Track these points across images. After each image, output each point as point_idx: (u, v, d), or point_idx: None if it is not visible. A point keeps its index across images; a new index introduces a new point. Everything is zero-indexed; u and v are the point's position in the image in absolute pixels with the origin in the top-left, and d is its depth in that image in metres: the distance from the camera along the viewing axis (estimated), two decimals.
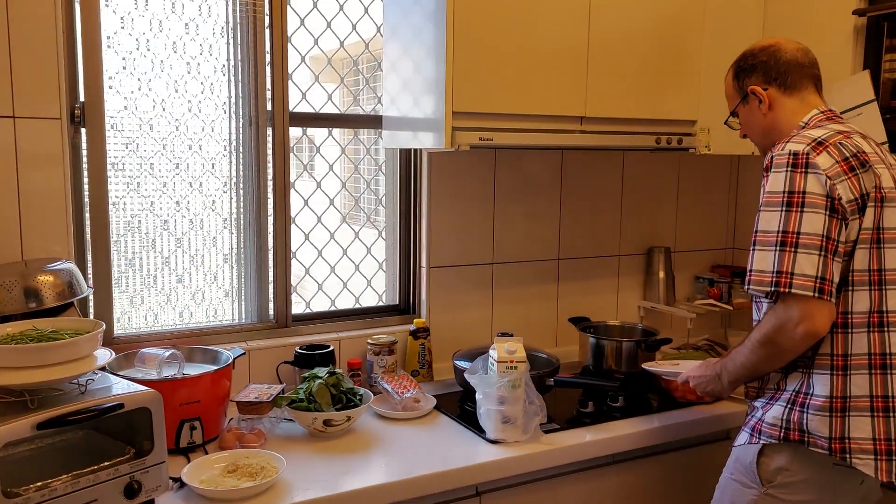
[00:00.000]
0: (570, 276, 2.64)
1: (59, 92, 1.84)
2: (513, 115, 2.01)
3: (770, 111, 1.70)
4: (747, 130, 1.78)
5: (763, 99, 1.69)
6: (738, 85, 1.74)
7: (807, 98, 1.69)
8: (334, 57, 2.30)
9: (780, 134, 1.69)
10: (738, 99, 1.75)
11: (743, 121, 1.77)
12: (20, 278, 1.62)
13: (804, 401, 1.55)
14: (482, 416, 1.86)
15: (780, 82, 1.69)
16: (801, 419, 1.55)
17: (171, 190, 2.11)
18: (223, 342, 2.11)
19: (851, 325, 1.52)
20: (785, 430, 1.57)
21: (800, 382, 1.57)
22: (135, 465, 1.47)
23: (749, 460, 1.62)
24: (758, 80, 1.70)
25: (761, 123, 1.72)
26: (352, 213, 2.40)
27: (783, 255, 1.47)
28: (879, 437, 1.51)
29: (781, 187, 1.51)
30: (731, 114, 1.80)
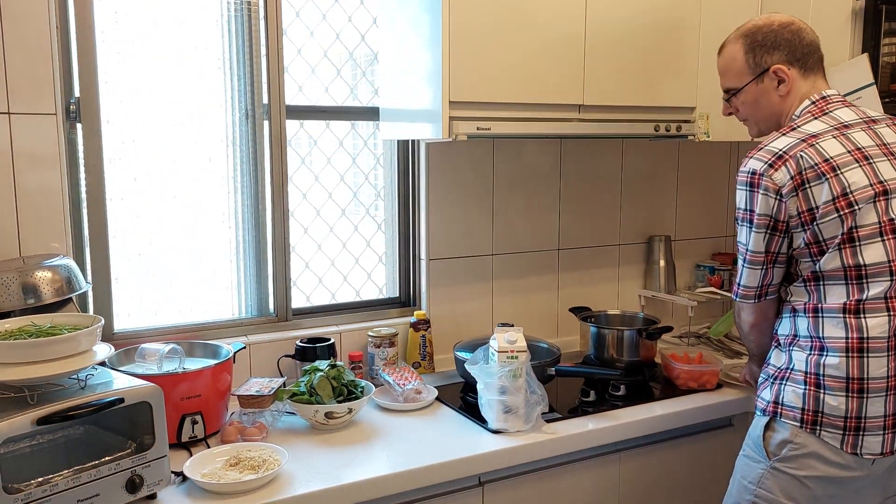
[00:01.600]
0: (571, 266, 2.64)
1: (54, 87, 1.83)
2: (510, 104, 2.00)
3: (787, 93, 1.65)
4: (751, 111, 1.72)
5: (787, 79, 1.64)
6: (755, 61, 1.66)
7: (817, 83, 1.67)
8: (330, 49, 2.29)
9: (784, 117, 1.68)
10: (751, 77, 1.67)
11: (748, 100, 1.70)
12: (18, 274, 1.62)
13: (784, 375, 1.63)
14: (484, 406, 1.86)
15: (801, 64, 1.64)
16: (779, 391, 1.62)
17: (168, 184, 2.10)
18: (224, 336, 2.11)
19: (823, 311, 1.59)
20: (766, 402, 1.65)
21: (785, 360, 1.66)
22: (136, 460, 1.47)
23: (756, 434, 1.65)
24: (780, 60, 1.64)
25: (772, 106, 1.68)
26: (350, 206, 2.39)
27: (743, 270, 1.67)
28: (850, 415, 1.55)
29: (743, 205, 1.62)
30: (735, 91, 1.72)
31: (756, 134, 1.77)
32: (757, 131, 1.76)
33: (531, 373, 1.86)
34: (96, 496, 1.41)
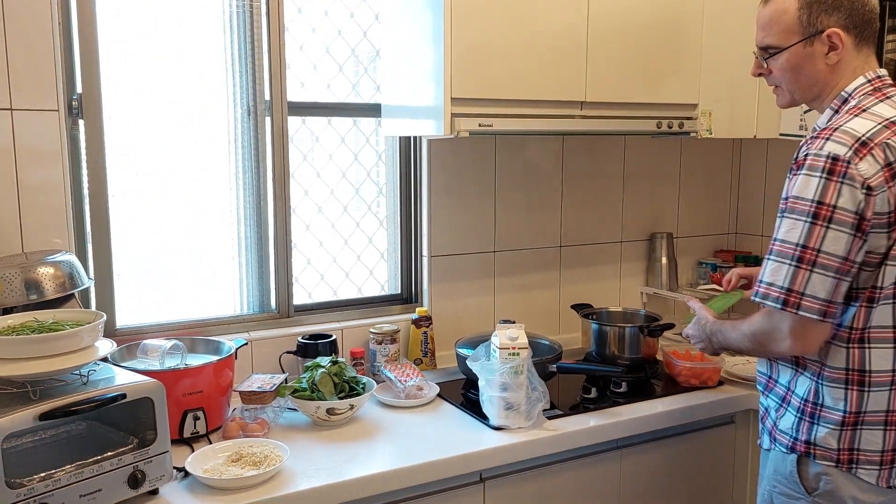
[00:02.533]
0: (572, 263, 2.63)
1: (57, 83, 1.83)
2: (512, 100, 2.00)
3: (836, 64, 1.44)
4: (789, 75, 1.49)
5: (839, 47, 1.42)
6: (808, 19, 1.42)
7: (869, 58, 1.47)
8: (332, 45, 2.28)
9: (831, 90, 1.47)
10: (799, 37, 1.44)
11: (790, 61, 1.47)
12: (21, 270, 1.62)
13: (813, 412, 1.47)
14: (485, 402, 1.86)
15: (857, 32, 1.43)
16: (812, 431, 1.48)
17: (170, 180, 2.10)
18: (225, 333, 2.11)
19: (869, 341, 1.42)
20: (793, 440, 1.51)
21: (808, 390, 1.49)
22: (138, 455, 1.47)
23: (789, 469, 1.52)
24: (838, 23, 1.42)
25: (817, 73, 1.46)
26: (352, 203, 2.39)
27: (797, 273, 1.37)
28: (887, 449, 1.45)
29: (811, 195, 1.35)
30: (776, 51, 1.48)
31: (786, 104, 1.56)
32: (788, 101, 1.55)
33: (533, 370, 1.86)
34: (98, 491, 1.41)
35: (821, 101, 1.53)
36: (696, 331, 1.73)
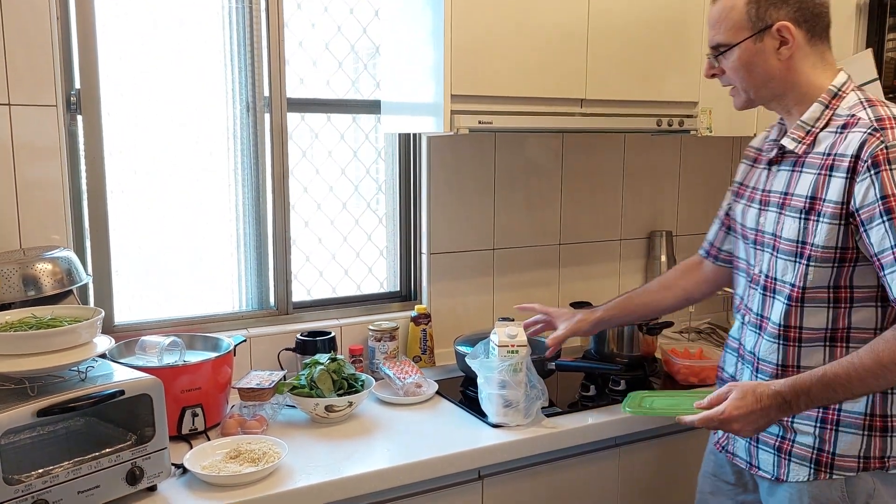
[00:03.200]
0: (572, 261, 2.63)
1: (55, 79, 1.82)
2: (512, 97, 1.99)
3: (788, 59, 1.40)
4: (742, 73, 1.45)
5: (790, 41, 1.38)
6: (757, 14, 1.39)
7: (826, 54, 1.43)
8: (332, 41, 2.28)
9: (789, 88, 1.43)
10: (749, 32, 1.40)
11: (741, 59, 1.43)
12: (18, 266, 1.62)
13: (884, 424, 1.39)
14: (484, 400, 1.86)
15: (809, 26, 1.39)
16: (885, 445, 1.39)
17: (169, 177, 2.10)
18: (224, 329, 2.11)
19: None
20: (864, 459, 1.40)
21: (870, 405, 1.40)
22: (136, 452, 1.47)
23: (836, 496, 1.42)
24: (788, 17, 1.38)
25: (769, 70, 1.41)
26: (352, 200, 2.39)
27: None
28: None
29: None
30: (726, 48, 1.44)
31: (742, 105, 1.51)
32: (744, 101, 1.50)
33: (531, 367, 1.85)
34: (96, 488, 1.41)
35: (782, 100, 1.47)
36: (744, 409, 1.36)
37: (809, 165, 1.42)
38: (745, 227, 1.58)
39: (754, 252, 1.54)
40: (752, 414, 1.35)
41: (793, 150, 1.45)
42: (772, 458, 1.50)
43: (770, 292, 1.49)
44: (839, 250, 1.36)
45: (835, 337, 1.41)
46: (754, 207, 1.54)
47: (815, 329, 1.42)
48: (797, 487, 1.46)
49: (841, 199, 1.34)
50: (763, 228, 1.51)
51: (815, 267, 1.38)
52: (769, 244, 1.49)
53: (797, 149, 1.44)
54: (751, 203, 1.56)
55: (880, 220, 1.29)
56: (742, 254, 1.61)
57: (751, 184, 1.59)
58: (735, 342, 1.61)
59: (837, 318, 1.40)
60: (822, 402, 1.36)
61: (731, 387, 1.39)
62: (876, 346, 1.32)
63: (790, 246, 1.43)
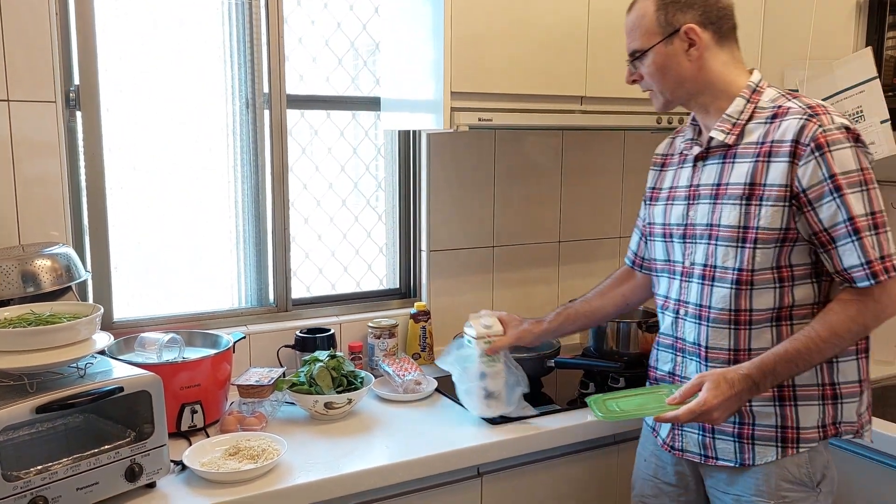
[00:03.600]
0: (571, 258, 2.63)
1: (54, 75, 1.82)
2: (512, 95, 1.99)
3: (698, 59, 1.48)
4: (657, 76, 1.52)
5: (697, 42, 1.47)
6: (666, 19, 1.47)
7: (735, 53, 1.52)
8: (331, 38, 2.27)
9: (704, 87, 1.51)
10: (660, 37, 1.48)
11: (655, 63, 1.51)
12: (17, 262, 1.62)
13: (834, 392, 1.49)
14: (463, 394, 1.85)
15: (715, 28, 1.48)
16: (836, 412, 1.49)
17: (168, 173, 2.09)
18: (223, 326, 2.11)
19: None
20: (822, 428, 1.49)
21: (820, 375, 1.48)
22: (135, 449, 1.47)
23: (803, 470, 1.49)
24: (694, 19, 1.46)
25: (682, 71, 1.49)
26: (351, 197, 2.39)
27: (880, 239, 1.38)
28: (868, 405, 1.55)
29: (854, 164, 1.38)
30: (640, 53, 1.52)
31: (661, 106, 1.58)
32: (663, 102, 1.56)
33: (508, 355, 1.85)
34: (95, 484, 1.41)
35: (698, 99, 1.54)
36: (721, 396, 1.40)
37: (742, 155, 1.48)
38: (668, 226, 1.62)
39: (683, 246, 1.58)
40: (727, 400, 1.39)
41: (723, 142, 1.50)
42: (732, 445, 1.53)
43: (709, 280, 1.52)
44: (782, 231, 1.43)
45: (780, 316, 1.48)
46: (679, 204, 1.60)
47: (763, 310, 1.48)
48: (763, 471, 1.50)
49: (785, 182, 1.41)
50: (693, 221, 1.56)
51: (760, 249, 1.45)
52: (703, 235, 1.53)
53: (727, 139, 1.50)
54: (673, 201, 1.62)
55: (830, 198, 1.38)
56: (661, 254, 1.65)
57: (665, 185, 1.66)
58: (669, 339, 1.64)
59: (783, 296, 1.47)
60: (785, 377, 1.44)
61: (701, 378, 1.42)
62: (828, 318, 1.41)
63: (731, 232, 1.47)
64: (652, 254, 1.71)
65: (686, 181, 1.60)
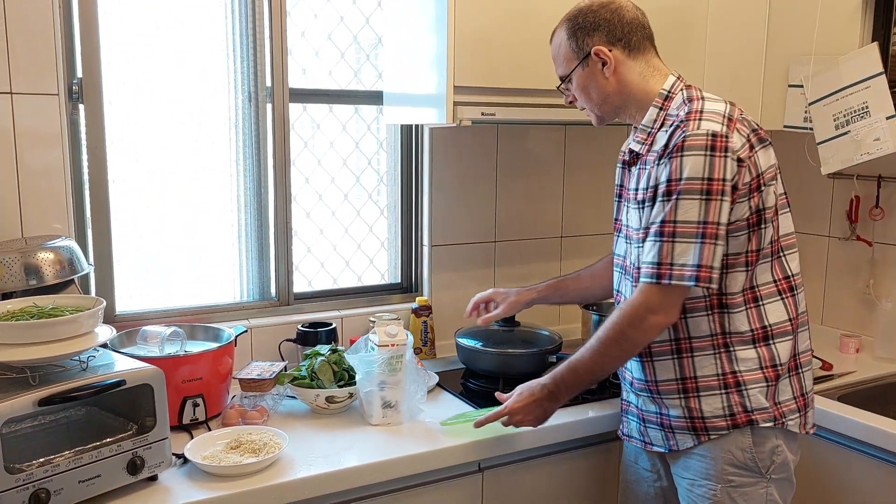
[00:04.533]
0: (573, 254, 2.63)
1: (57, 67, 1.82)
2: (515, 89, 1.99)
3: (613, 75, 1.58)
4: (583, 96, 1.63)
5: (609, 61, 1.56)
6: (577, 45, 1.59)
7: (652, 61, 1.61)
8: (334, 32, 2.27)
9: (627, 99, 1.60)
10: (576, 61, 1.59)
11: (579, 84, 1.62)
12: (20, 255, 1.62)
13: (735, 380, 1.54)
14: (363, 396, 1.81)
15: (624, 43, 1.57)
16: (743, 400, 1.53)
17: (170, 167, 2.09)
18: (225, 320, 2.11)
19: (762, 298, 1.55)
20: (730, 416, 1.54)
21: (718, 365, 1.54)
22: (137, 442, 1.47)
23: (748, 455, 1.54)
24: (601, 41, 1.57)
25: (603, 88, 1.59)
26: (353, 191, 2.38)
27: (702, 249, 1.44)
28: (798, 394, 1.58)
29: (701, 173, 1.43)
30: (566, 78, 1.64)
31: (597, 122, 1.69)
32: (597, 118, 1.68)
33: (413, 363, 1.83)
34: (97, 477, 1.41)
35: (626, 111, 1.63)
36: (521, 402, 1.62)
37: (646, 162, 1.57)
38: (619, 222, 1.72)
39: (626, 244, 1.67)
40: (527, 406, 1.61)
41: (638, 152, 1.61)
42: (660, 433, 1.64)
43: (627, 275, 1.65)
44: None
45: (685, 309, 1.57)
46: (624, 205, 1.69)
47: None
48: (710, 456, 1.56)
49: (647, 185, 1.53)
50: (620, 217, 1.70)
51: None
52: (623, 233, 1.67)
53: (641, 150, 1.60)
54: (624, 201, 1.71)
55: (661, 199, 1.47)
56: (618, 249, 1.72)
57: (623, 184, 1.73)
58: None
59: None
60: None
61: (518, 389, 1.64)
62: (599, 328, 1.55)
63: (635, 234, 1.59)
64: (615, 248, 1.78)
65: (619, 180, 1.73)
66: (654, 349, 1.58)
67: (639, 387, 1.66)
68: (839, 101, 2.20)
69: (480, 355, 2.06)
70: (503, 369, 2.03)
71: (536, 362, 2.02)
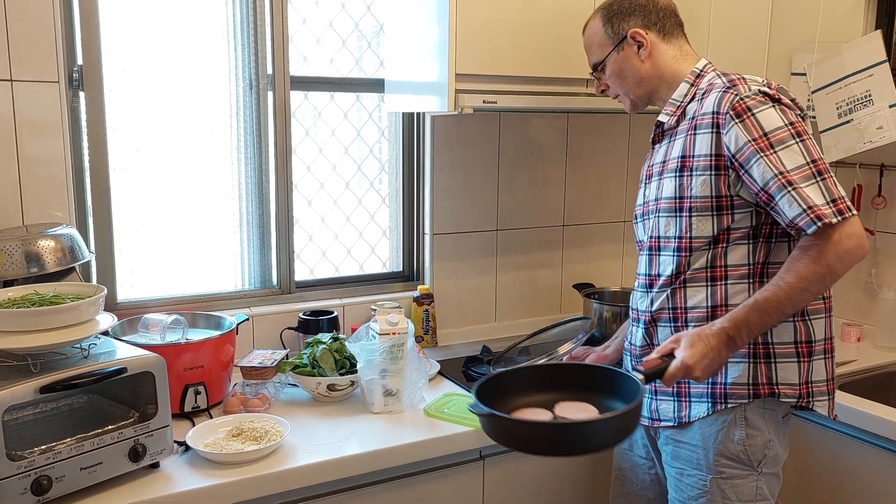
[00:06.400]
0: (575, 243, 2.63)
1: (57, 55, 1.81)
2: (517, 77, 1.98)
3: (649, 58, 1.61)
4: (618, 81, 1.66)
5: (645, 43, 1.60)
6: (612, 30, 1.63)
7: (683, 47, 1.65)
8: (335, 19, 2.26)
9: (660, 82, 1.62)
10: (611, 46, 1.63)
11: (614, 70, 1.65)
12: (21, 243, 1.62)
13: (766, 351, 1.51)
14: (364, 384, 1.82)
15: (658, 28, 1.62)
16: (770, 372, 1.51)
17: (171, 155, 2.09)
18: (227, 308, 2.11)
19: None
20: (753, 386, 1.51)
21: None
22: (139, 429, 1.47)
23: (741, 448, 1.53)
24: (637, 24, 1.61)
25: (638, 71, 1.63)
26: (355, 180, 2.38)
27: (828, 183, 1.40)
28: (829, 378, 1.55)
29: (780, 122, 1.43)
30: (600, 64, 1.67)
31: (631, 107, 1.70)
32: (631, 104, 1.69)
33: (415, 352, 1.83)
34: (99, 464, 1.42)
35: (657, 94, 1.65)
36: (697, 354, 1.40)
37: (680, 133, 1.58)
38: (636, 207, 1.71)
39: (643, 225, 1.66)
40: (705, 357, 1.40)
41: (669, 124, 1.61)
42: (672, 405, 1.60)
43: (656, 251, 1.60)
44: (714, 199, 1.50)
45: (715, 276, 1.53)
46: (642, 186, 1.69)
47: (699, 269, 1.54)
48: (702, 446, 1.55)
49: (709, 152, 1.49)
50: (648, 199, 1.64)
51: (696, 217, 1.52)
52: (653, 210, 1.61)
53: (670, 121, 1.60)
54: (640, 184, 1.70)
55: (757, 157, 1.43)
56: (639, 235, 1.70)
57: (649, 165, 1.70)
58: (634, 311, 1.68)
59: (715, 258, 1.52)
60: (760, 328, 1.44)
61: (676, 337, 1.44)
62: (793, 265, 1.43)
63: (670, 203, 1.56)
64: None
65: (646, 164, 1.70)
66: (690, 315, 1.54)
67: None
68: (842, 89, 2.19)
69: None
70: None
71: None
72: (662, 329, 1.59)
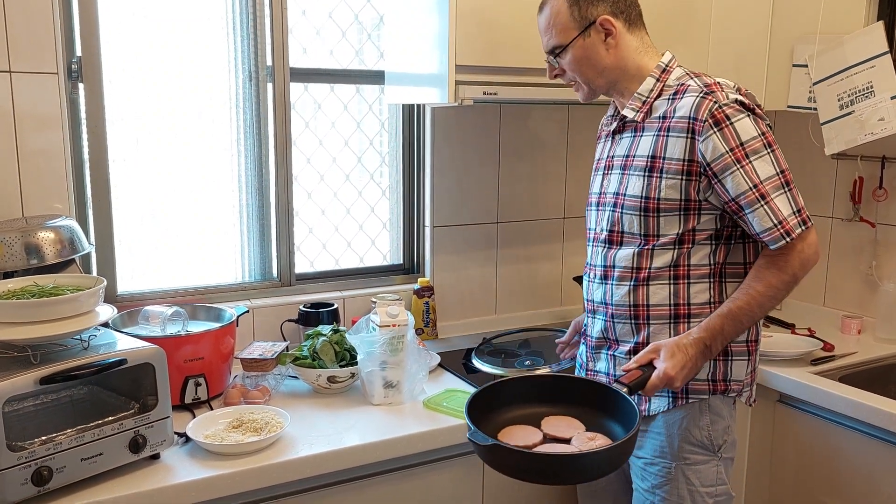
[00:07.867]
0: (576, 235, 2.62)
1: (56, 46, 1.81)
2: (518, 69, 1.97)
3: (615, 48, 1.55)
4: (578, 68, 1.57)
5: (614, 32, 1.53)
6: (579, 14, 1.53)
7: (645, 38, 1.59)
8: (335, 10, 2.25)
9: (621, 73, 1.56)
10: (577, 31, 1.53)
11: (576, 56, 1.56)
12: (21, 235, 1.61)
13: (725, 349, 1.54)
14: (364, 376, 1.82)
15: (626, 17, 1.55)
16: (727, 368, 1.56)
17: (171, 146, 2.08)
18: (227, 300, 2.11)
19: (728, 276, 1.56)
20: (712, 382, 1.55)
21: None
22: (139, 420, 1.48)
23: (705, 433, 1.56)
24: (606, 11, 1.53)
25: (602, 61, 1.55)
26: (355, 172, 2.37)
27: (794, 193, 1.47)
28: (753, 369, 1.62)
29: (755, 132, 1.46)
30: (560, 48, 1.57)
31: (586, 96, 1.63)
32: (587, 92, 1.62)
33: (414, 343, 1.83)
34: (99, 455, 1.42)
35: (617, 86, 1.60)
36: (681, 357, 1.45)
37: (647, 130, 1.55)
38: (591, 195, 1.69)
39: (596, 213, 1.65)
40: (684, 367, 1.44)
41: (633, 119, 1.57)
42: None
43: (617, 245, 1.59)
44: (682, 201, 1.50)
45: (678, 274, 1.55)
46: (599, 174, 1.67)
47: (661, 268, 1.55)
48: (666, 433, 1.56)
49: (683, 157, 1.48)
50: (606, 190, 1.62)
51: (664, 217, 1.52)
52: (611, 202, 1.60)
53: (636, 117, 1.56)
54: (597, 171, 1.69)
55: (733, 168, 1.45)
56: (588, 223, 1.71)
57: (596, 157, 1.71)
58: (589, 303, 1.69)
59: (680, 258, 1.54)
60: (733, 336, 1.50)
61: (655, 346, 1.47)
62: (761, 274, 1.49)
63: (635, 201, 1.54)
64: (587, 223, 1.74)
65: (605, 154, 1.67)
66: (652, 314, 1.56)
67: (624, 350, 1.59)
68: (844, 80, 2.19)
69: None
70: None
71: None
72: (622, 325, 1.59)
